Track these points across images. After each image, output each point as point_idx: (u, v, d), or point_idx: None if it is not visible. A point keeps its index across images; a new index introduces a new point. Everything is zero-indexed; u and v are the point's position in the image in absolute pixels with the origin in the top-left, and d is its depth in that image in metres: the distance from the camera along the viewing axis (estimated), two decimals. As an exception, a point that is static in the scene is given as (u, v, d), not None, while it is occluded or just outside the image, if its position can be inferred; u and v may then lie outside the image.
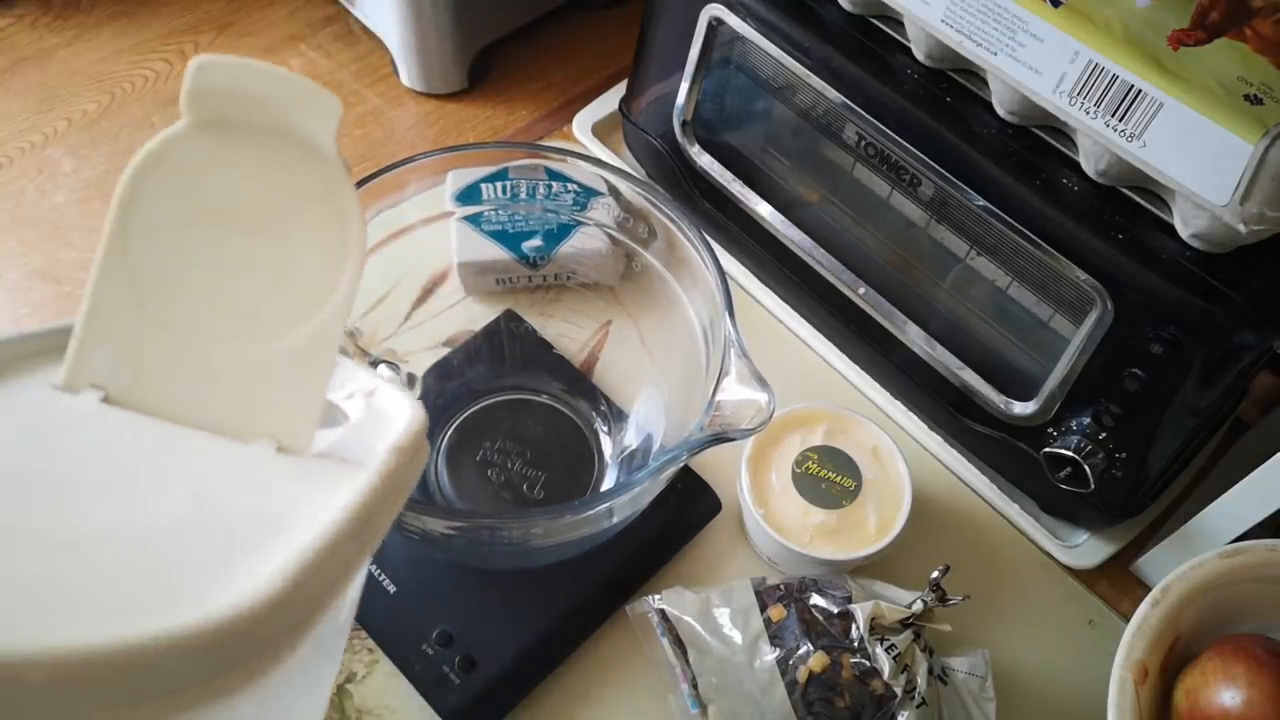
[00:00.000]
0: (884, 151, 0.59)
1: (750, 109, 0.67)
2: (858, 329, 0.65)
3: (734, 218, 0.69)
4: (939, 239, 0.59)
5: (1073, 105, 0.49)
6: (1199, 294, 0.49)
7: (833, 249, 0.65)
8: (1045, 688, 0.57)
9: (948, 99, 0.55)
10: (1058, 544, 0.61)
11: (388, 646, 0.53)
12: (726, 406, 0.45)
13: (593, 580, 0.55)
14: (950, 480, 0.64)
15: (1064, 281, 0.53)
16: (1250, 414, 0.67)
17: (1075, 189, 0.52)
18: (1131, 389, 0.53)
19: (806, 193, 0.67)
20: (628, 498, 0.44)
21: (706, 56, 0.65)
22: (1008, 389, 0.59)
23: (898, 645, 0.51)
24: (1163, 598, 0.51)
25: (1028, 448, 0.58)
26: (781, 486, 0.57)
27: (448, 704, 0.51)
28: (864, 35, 0.58)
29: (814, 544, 0.55)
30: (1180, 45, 0.47)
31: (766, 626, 0.52)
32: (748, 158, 0.69)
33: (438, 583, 0.54)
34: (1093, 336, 0.52)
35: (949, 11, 0.51)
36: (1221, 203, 0.45)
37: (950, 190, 0.55)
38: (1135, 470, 0.55)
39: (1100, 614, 0.60)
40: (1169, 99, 0.46)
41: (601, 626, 0.56)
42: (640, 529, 0.52)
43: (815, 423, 0.59)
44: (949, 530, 0.62)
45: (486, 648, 0.52)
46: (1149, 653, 0.50)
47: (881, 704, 0.50)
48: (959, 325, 0.61)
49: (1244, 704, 0.48)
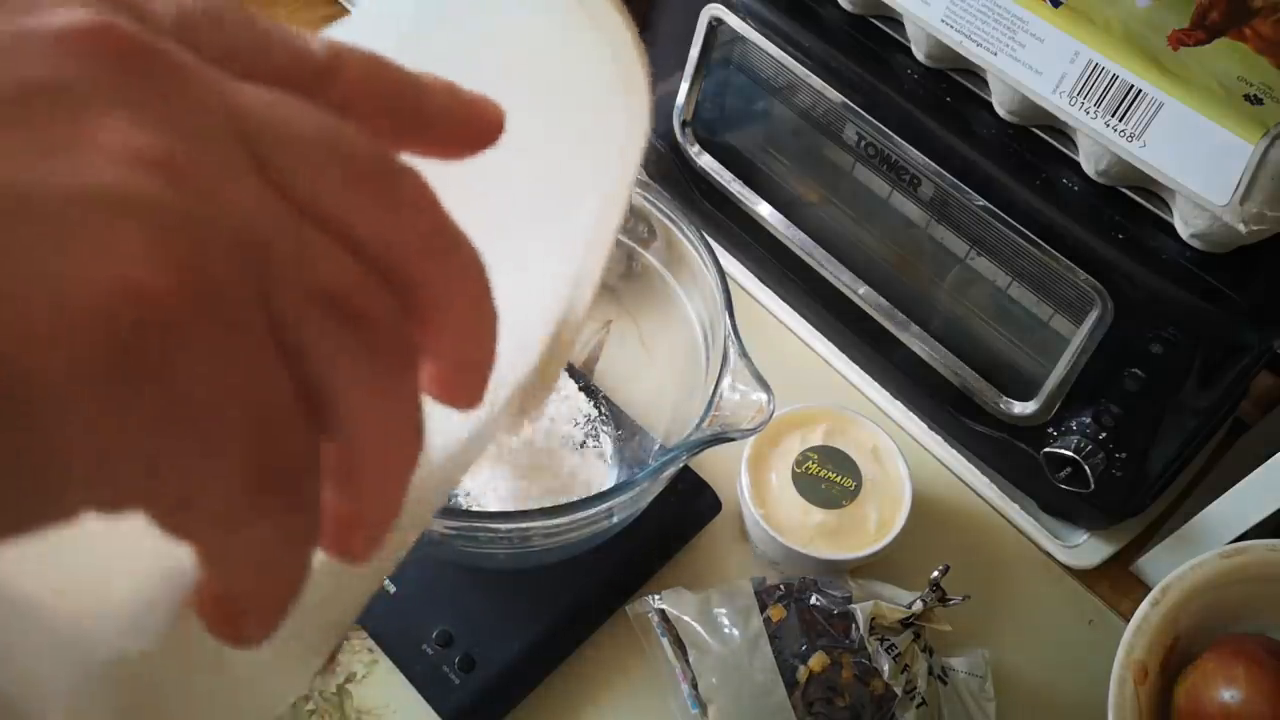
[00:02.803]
0: (884, 151, 0.59)
1: (750, 109, 0.67)
2: (858, 329, 0.65)
3: (734, 218, 0.69)
4: (939, 239, 0.59)
5: (1073, 105, 0.49)
6: (1199, 294, 0.49)
7: (833, 249, 0.65)
8: (1045, 688, 0.57)
9: (948, 99, 0.55)
10: (1058, 544, 0.61)
11: (388, 646, 0.53)
12: (726, 406, 0.45)
13: (593, 580, 0.55)
14: (950, 480, 0.64)
15: (1064, 281, 0.53)
16: (1250, 414, 0.67)
17: (1075, 189, 0.52)
18: (1131, 389, 0.53)
19: (806, 193, 0.67)
20: (628, 498, 0.44)
21: (706, 56, 0.65)
22: (1008, 389, 0.59)
23: (898, 645, 0.51)
24: (1162, 598, 0.51)
25: (1028, 448, 0.58)
26: (781, 486, 0.57)
27: (448, 704, 0.51)
28: (864, 35, 0.58)
29: (814, 544, 0.55)
30: (1180, 45, 0.47)
31: (766, 626, 0.51)
32: (748, 158, 0.69)
33: (438, 583, 0.54)
34: (1093, 336, 0.52)
35: (949, 11, 0.51)
36: (1221, 203, 0.45)
37: (950, 190, 0.55)
38: (1135, 470, 0.55)
39: (1100, 614, 0.60)
40: (1169, 99, 0.46)
41: (601, 626, 0.56)
42: (640, 529, 0.52)
43: (815, 423, 0.59)
44: (949, 530, 0.62)
45: (486, 648, 0.52)
46: (1149, 653, 0.50)
47: (881, 704, 0.50)
48: (959, 325, 0.61)
49: (1243, 704, 0.48)
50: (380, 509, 0.18)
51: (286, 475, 0.15)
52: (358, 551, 0.18)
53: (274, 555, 0.16)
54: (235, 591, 0.16)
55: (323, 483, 0.17)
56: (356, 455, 0.17)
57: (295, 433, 0.15)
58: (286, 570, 0.16)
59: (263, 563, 0.16)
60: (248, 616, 0.17)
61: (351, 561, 0.18)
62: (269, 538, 0.16)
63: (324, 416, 0.16)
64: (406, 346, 0.17)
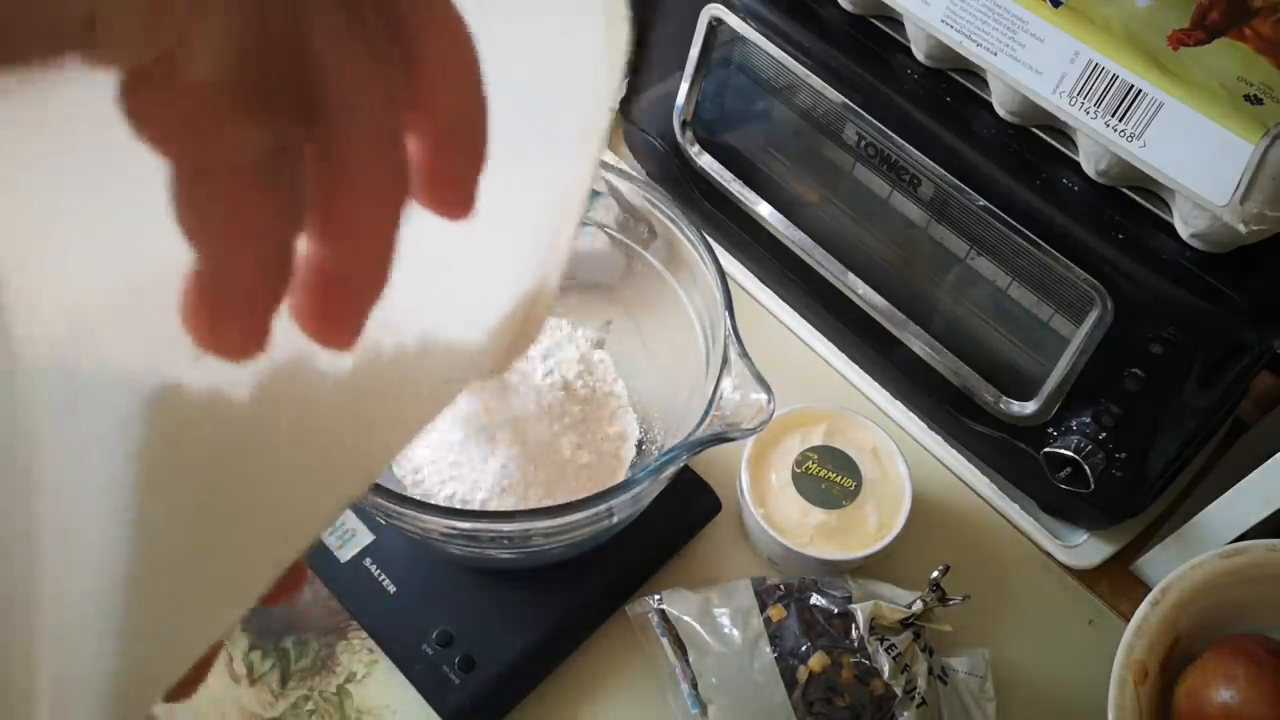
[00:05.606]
0: (884, 151, 0.59)
1: (750, 109, 0.67)
2: (858, 329, 0.65)
3: (734, 218, 0.69)
4: (939, 239, 0.59)
5: (1073, 105, 0.49)
6: (1199, 294, 0.49)
7: (833, 249, 0.65)
8: (1045, 688, 0.57)
9: (948, 99, 0.55)
10: (1058, 544, 0.61)
11: (388, 646, 0.53)
12: (727, 406, 0.45)
13: (593, 580, 0.55)
14: (950, 480, 0.64)
15: (1064, 281, 0.53)
16: (1250, 414, 0.67)
17: (1075, 189, 0.52)
18: (1131, 389, 0.53)
19: (807, 193, 0.67)
20: (628, 498, 0.44)
21: (706, 56, 0.65)
22: (1008, 389, 0.59)
23: (898, 645, 0.51)
24: (1162, 598, 0.51)
25: (1028, 448, 0.58)
26: (781, 486, 0.57)
27: (448, 704, 0.51)
28: (864, 35, 0.58)
29: (814, 544, 0.55)
30: (1180, 45, 0.47)
31: (766, 626, 0.52)
32: (748, 158, 0.69)
33: (438, 583, 0.54)
34: (1092, 336, 0.52)
35: (949, 11, 0.51)
36: (1221, 203, 0.45)
37: (950, 190, 0.55)
38: (1135, 470, 0.55)
39: (1100, 614, 0.60)
40: (1169, 99, 0.46)
41: (601, 626, 0.56)
42: (640, 529, 0.52)
43: (815, 423, 0.59)
44: (949, 530, 0.62)
45: (486, 648, 0.52)
46: (1149, 652, 0.50)
47: (881, 704, 0.50)
48: (959, 325, 0.61)
49: (1243, 704, 0.48)
50: (361, 257, 0.18)
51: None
52: (334, 313, 0.18)
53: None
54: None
55: (302, 230, 0.17)
56: (339, 166, 0.17)
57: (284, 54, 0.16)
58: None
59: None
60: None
61: (331, 336, 0.18)
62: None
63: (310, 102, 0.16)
64: (399, 70, 0.17)
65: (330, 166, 0.17)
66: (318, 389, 0.20)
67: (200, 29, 0.15)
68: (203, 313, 0.17)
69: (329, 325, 0.18)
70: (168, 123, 0.15)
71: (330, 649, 0.54)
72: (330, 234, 0.17)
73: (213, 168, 0.16)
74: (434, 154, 0.18)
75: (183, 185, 0.16)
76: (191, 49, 0.15)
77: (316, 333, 0.18)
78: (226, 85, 0.15)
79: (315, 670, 0.54)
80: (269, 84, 0.16)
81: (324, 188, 0.17)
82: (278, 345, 0.18)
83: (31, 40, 0.14)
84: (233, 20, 0.15)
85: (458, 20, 0.18)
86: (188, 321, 0.17)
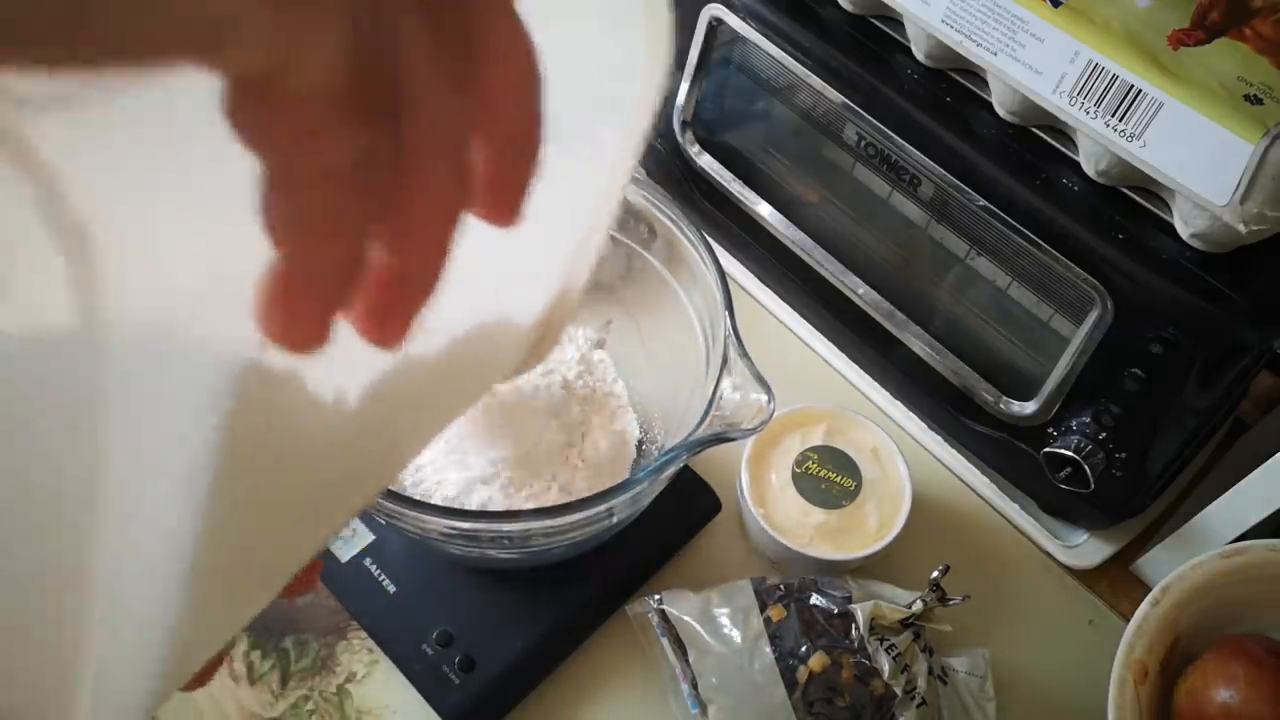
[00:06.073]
0: (884, 151, 0.59)
1: (750, 109, 0.67)
2: (858, 329, 0.65)
3: (734, 218, 0.69)
4: (939, 239, 0.59)
5: (1073, 105, 0.49)
6: (1199, 294, 0.49)
7: (833, 249, 0.65)
8: (1045, 688, 0.57)
9: (948, 99, 0.55)
10: (1058, 544, 0.61)
11: (388, 646, 0.53)
12: (727, 406, 0.45)
13: (593, 580, 0.55)
14: (950, 480, 0.64)
15: (1064, 282, 0.53)
16: (1250, 414, 0.67)
17: (1075, 189, 0.52)
18: (1131, 389, 0.53)
19: (807, 193, 0.67)
20: (628, 498, 0.44)
21: (706, 56, 0.65)
22: (1008, 389, 0.59)
23: (898, 645, 0.51)
24: (1162, 598, 0.51)
25: (1028, 448, 0.58)
26: (781, 486, 0.57)
27: (448, 704, 0.51)
28: (864, 35, 0.58)
29: (814, 544, 0.55)
30: (1180, 45, 0.47)
31: (766, 626, 0.51)
32: (748, 158, 0.69)
33: (438, 583, 0.54)
34: (1092, 336, 0.52)
35: (949, 11, 0.51)
36: (1221, 203, 0.45)
37: (950, 190, 0.55)
38: (1135, 470, 0.55)
39: (1100, 614, 0.60)
40: (1169, 99, 0.46)
41: (601, 626, 0.56)
42: (640, 529, 0.52)
43: (815, 423, 0.59)
44: (949, 530, 0.62)
45: (486, 648, 0.52)
46: (1149, 652, 0.50)
47: (881, 704, 0.50)
48: (959, 325, 0.61)
49: (1243, 704, 0.48)
50: (420, 261, 0.18)
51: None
52: (389, 315, 0.19)
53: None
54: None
55: (369, 240, 0.18)
56: (411, 160, 0.18)
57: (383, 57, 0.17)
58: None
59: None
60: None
61: (383, 335, 0.19)
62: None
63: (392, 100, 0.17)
64: (472, 68, 0.18)
65: (403, 174, 0.18)
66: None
67: (315, 39, 0.15)
68: (279, 307, 0.17)
69: (382, 325, 0.19)
70: (272, 127, 0.16)
71: (330, 649, 0.54)
72: (396, 238, 0.18)
73: (307, 171, 0.17)
74: (495, 165, 0.19)
75: (274, 186, 0.17)
76: (304, 58, 0.16)
77: (369, 331, 0.19)
78: (333, 94, 0.16)
79: (315, 670, 0.54)
80: (368, 95, 0.17)
81: (395, 194, 0.18)
82: (335, 340, 0.19)
83: (158, 41, 0.14)
84: (344, 34, 0.16)
85: (527, 39, 0.18)
86: (263, 313, 0.17)
